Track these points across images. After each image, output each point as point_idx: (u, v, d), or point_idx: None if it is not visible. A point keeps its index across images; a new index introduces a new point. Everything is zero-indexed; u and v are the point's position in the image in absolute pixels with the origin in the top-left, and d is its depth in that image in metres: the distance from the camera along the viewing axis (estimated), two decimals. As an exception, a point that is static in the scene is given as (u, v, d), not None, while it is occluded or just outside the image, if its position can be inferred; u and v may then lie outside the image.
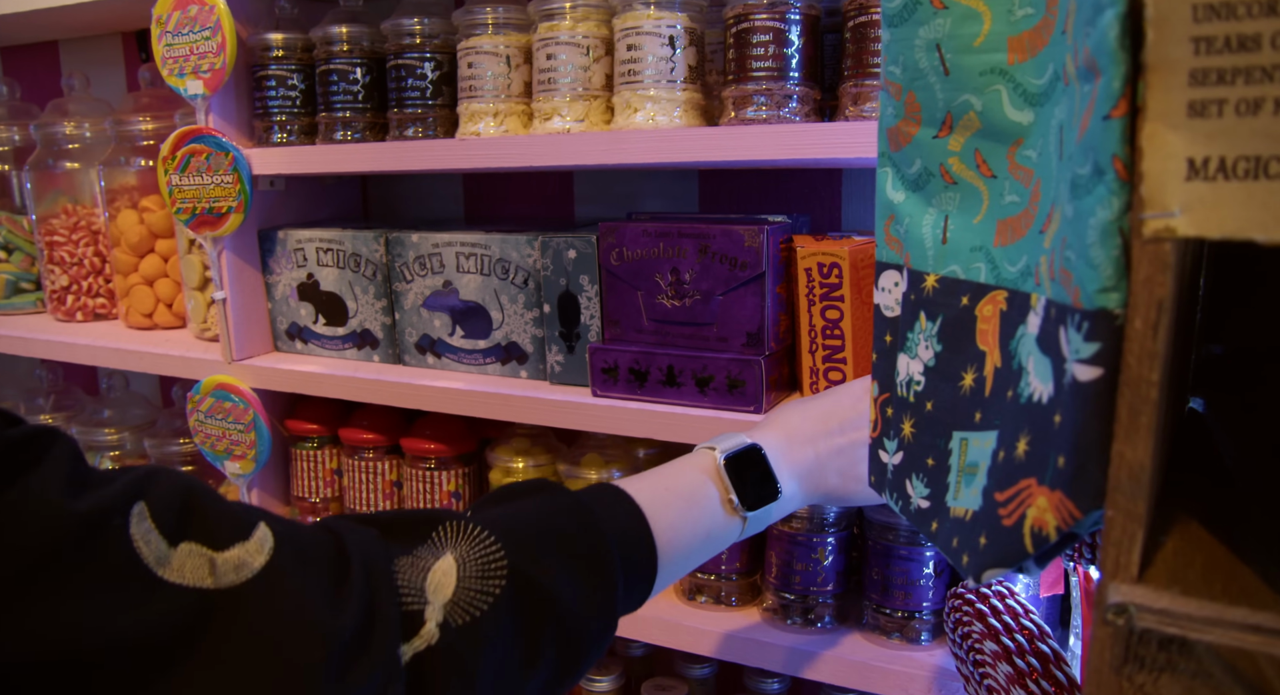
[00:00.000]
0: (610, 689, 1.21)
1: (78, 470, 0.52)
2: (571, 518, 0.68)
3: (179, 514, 0.53)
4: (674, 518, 0.73)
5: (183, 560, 0.52)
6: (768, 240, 0.99)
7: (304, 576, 0.55)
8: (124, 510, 0.51)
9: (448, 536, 0.63)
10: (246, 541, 0.54)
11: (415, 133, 1.21)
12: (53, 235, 1.72)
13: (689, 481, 0.77)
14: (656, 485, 0.75)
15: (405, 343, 1.26)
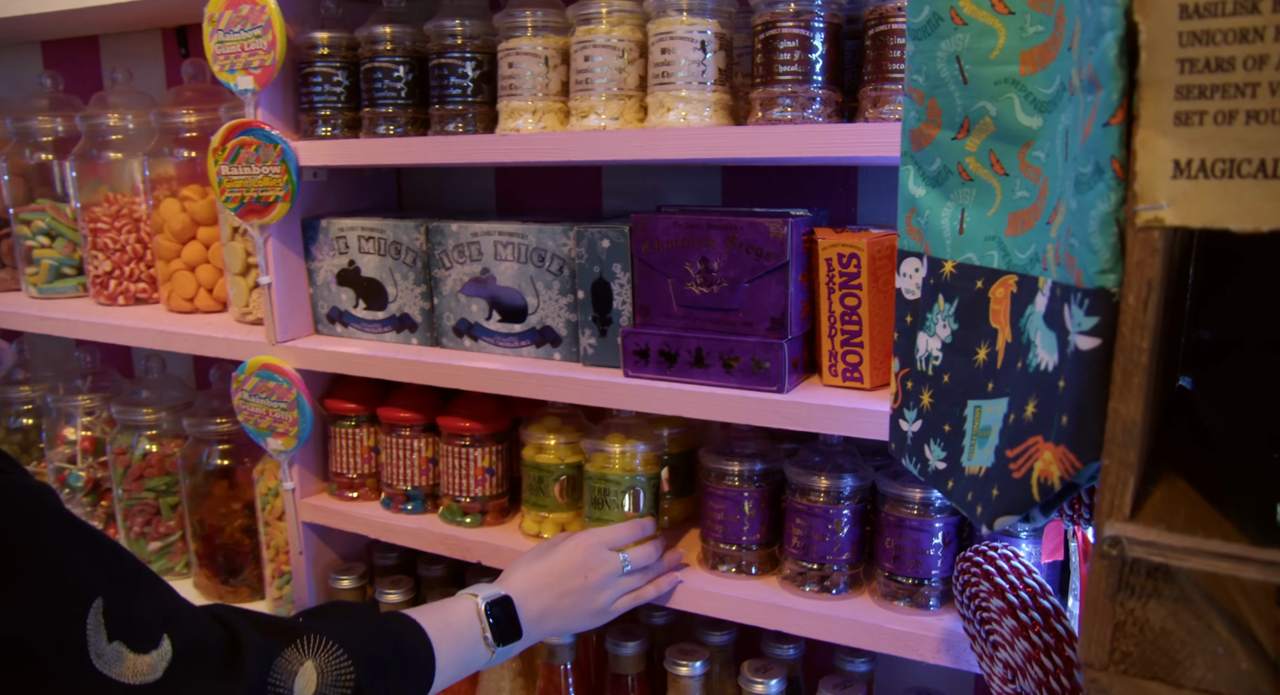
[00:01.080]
0: (634, 654, 1.29)
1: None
2: (388, 645, 0.90)
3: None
4: (449, 649, 0.97)
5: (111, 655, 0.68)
6: (792, 232, 1.07)
7: (201, 678, 0.73)
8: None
9: (310, 646, 0.83)
10: (156, 650, 0.71)
11: (456, 128, 1.28)
12: (96, 222, 1.79)
13: (461, 620, 1.01)
14: (439, 622, 0.99)
15: (443, 326, 1.34)
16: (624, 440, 1.24)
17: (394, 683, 0.89)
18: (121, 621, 0.69)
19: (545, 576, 1.09)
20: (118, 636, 0.68)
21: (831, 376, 1.11)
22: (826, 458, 1.16)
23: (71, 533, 0.69)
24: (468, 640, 1.00)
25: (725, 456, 1.21)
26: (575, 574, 1.10)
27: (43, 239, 1.91)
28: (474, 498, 1.37)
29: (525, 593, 1.07)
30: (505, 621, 1.04)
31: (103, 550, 0.71)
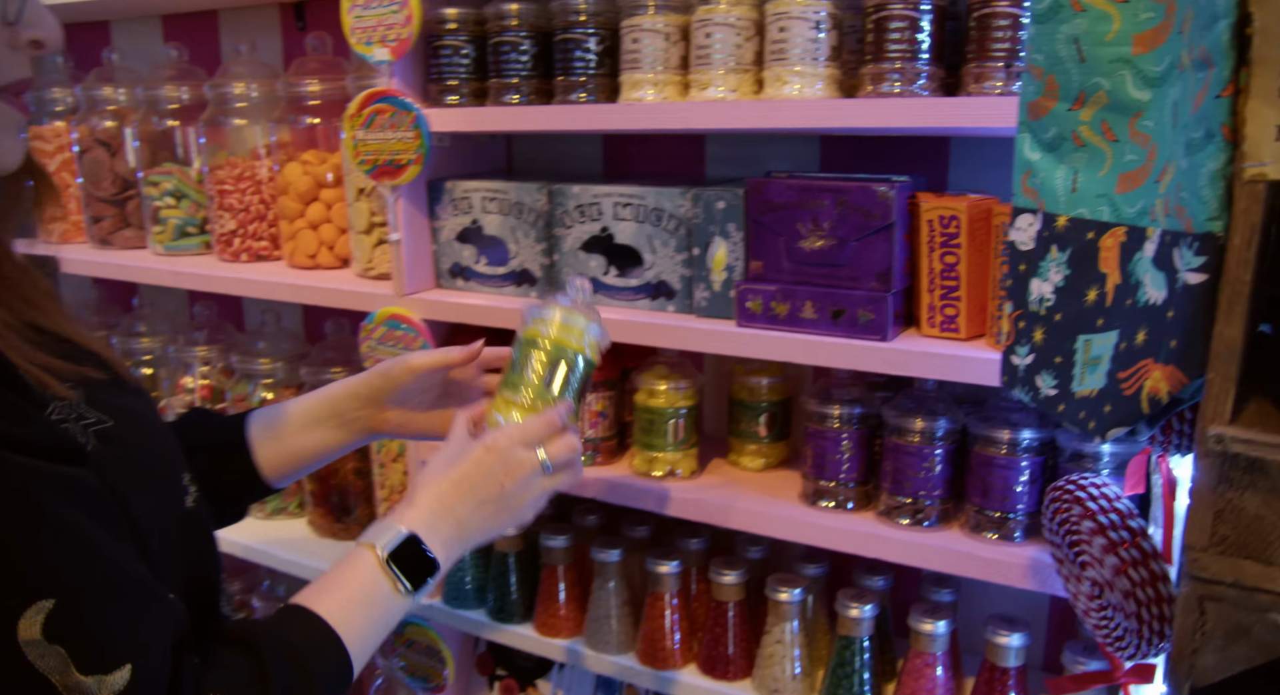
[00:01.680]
0: (737, 582, 1.41)
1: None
2: (300, 684, 0.81)
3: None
4: (361, 626, 0.89)
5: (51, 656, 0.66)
6: (898, 195, 1.18)
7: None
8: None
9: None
10: (107, 675, 0.68)
11: (579, 98, 1.39)
12: (222, 184, 1.93)
13: (364, 584, 0.91)
14: (341, 598, 0.89)
15: (562, 281, 1.46)
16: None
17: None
18: (70, 631, 0.66)
19: (456, 489, 0.98)
20: (58, 642, 0.66)
21: (930, 327, 1.22)
22: (921, 402, 1.27)
23: (39, 524, 0.68)
24: (378, 603, 0.91)
25: (826, 401, 1.32)
26: (489, 481, 0.99)
27: (169, 200, 2.05)
28: (587, 439, 1.49)
29: (434, 515, 0.96)
30: (414, 563, 0.93)
31: (94, 562, 0.70)
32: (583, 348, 1.11)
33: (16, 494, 0.67)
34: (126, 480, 0.80)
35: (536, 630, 1.59)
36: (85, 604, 0.68)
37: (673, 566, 1.45)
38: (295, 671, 0.81)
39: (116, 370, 0.91)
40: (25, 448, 0.68)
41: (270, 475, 1.15)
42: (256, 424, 1.16)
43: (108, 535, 0.73)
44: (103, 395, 0.83)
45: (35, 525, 0.67)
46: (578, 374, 1.11)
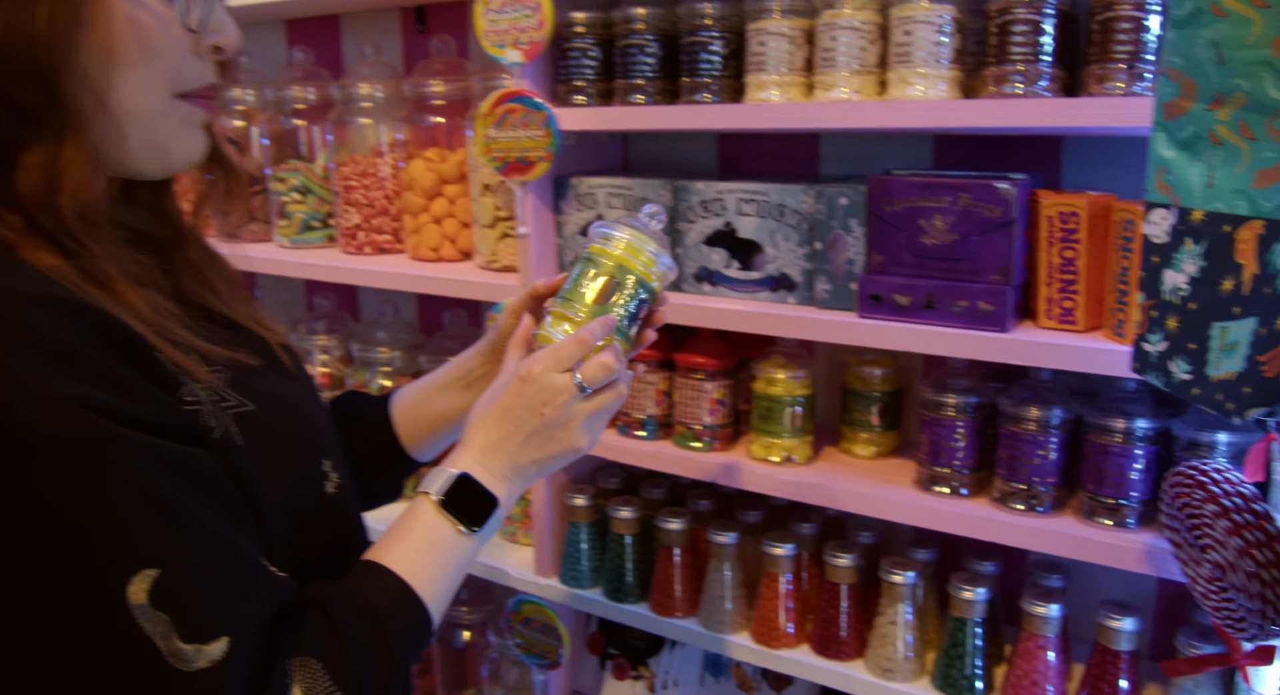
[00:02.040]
0: (851, 565, 1.47)
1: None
2: (377, 641, 0.83)
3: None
4: (431, 573, 0.90)
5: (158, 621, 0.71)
6: (1020, 192, 1.22)
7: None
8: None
9: (295, 671, 0.78)
10: (204, 645, 0.72)
11: (704, 98, 1.46)
12: (347, 180, 2.03)
13: (426, 531, 0.92)
14: (407, 549, 0.90)
15: (685, 274, 1.53)
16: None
17: (381, 676, 0.83)
18: (174, 601, 0.71)
19: (501, 425, 0.99)
20: (163, 609, 0.70)
21: (1047, 319, 1.26)
22: (1036, 392, 1.31)
23: (149, 498, 0.72)
24: (444, 547, 0.92)
25: (941, 390, 1.37)
26: (530, 413, 0.98)
27: (295, 195, 2.16)
28: (705, 426, 1.56)
29: (484, 453, 0.97)
30: (471, 501, 0.94)
31: (197, 538, 0.74)
32: (647, 273, 1.07)
33: (126, 466, 0.71)
34: (258, 464, 0.84)
35: (652, 609, 1.67)
36: (187, 576, 0.72)
37: (788, 549, 1.51)
38: (370, 627, 0.83)
39: (280, 355, 0.98)
40: (141, 424, 0.72)
41: (410, 445, 1.19)
42: (396, 397, 1.21)
43: (215, 514, 0.77)
44: (252, 380, 0.88)
45: (141, 497, 0.71)
46: (634, 297, 1.07)
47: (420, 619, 0.89)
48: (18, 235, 0.76)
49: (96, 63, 0.77)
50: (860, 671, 1.48)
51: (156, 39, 0.81)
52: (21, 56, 0.74)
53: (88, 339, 0.72)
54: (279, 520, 0.86)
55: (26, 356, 0.68)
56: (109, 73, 0.78)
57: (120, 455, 0.71)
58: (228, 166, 0.98)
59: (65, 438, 0.69)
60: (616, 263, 1.06)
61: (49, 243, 0.77)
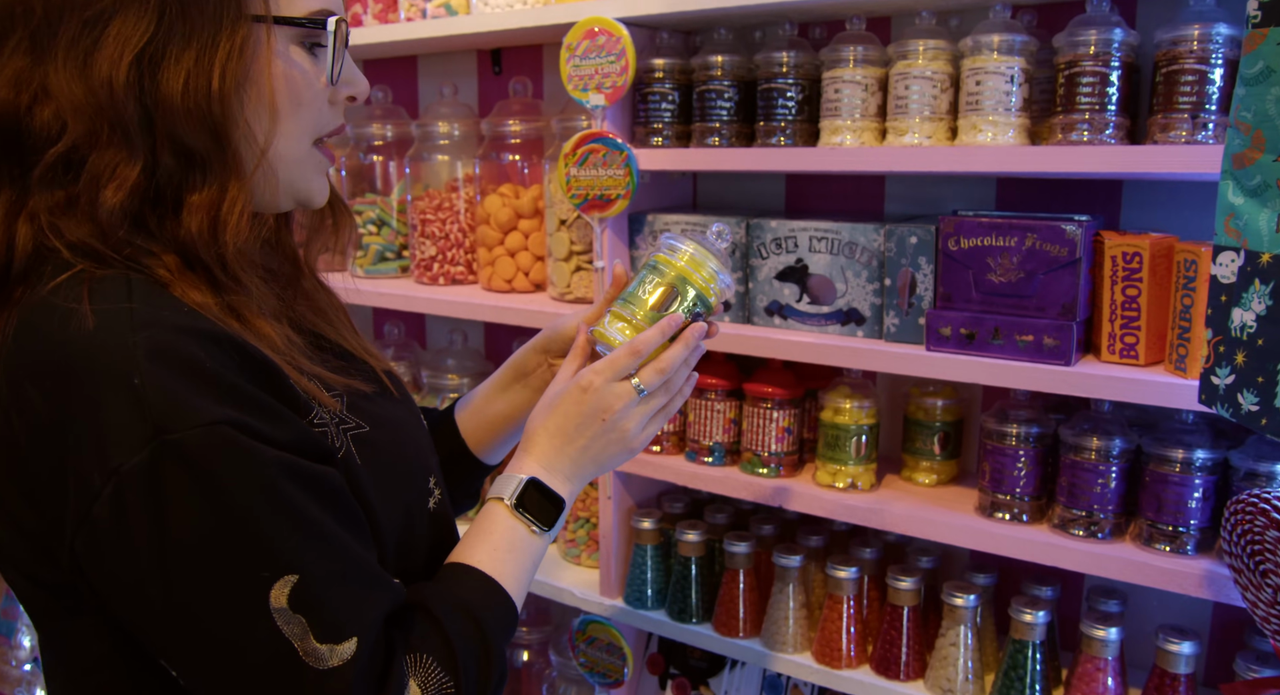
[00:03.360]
0: (913, 588, 1.53)
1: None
2: (473, 629, 0.91)
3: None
4: (513, 569, 0.98)
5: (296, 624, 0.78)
6: (1085, 233, 1.30)
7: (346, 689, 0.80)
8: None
9: (411, 666, 0.86)
10: (337, 645, 0.79)
11: (778, 141, 1.55)
12: (424, 214, 2.13)
13: (504, 533, 1.00)
14: (489, 549, 0.98)
15: (755, 307, 1.61)
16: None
17: (484, 658, 0.91)
18: (310, 604, 0.78)
19: (562, 432, 1.05)
20: (300, 612, 0.78)
21: (1109, 354, 1.33)
22: (1097, 423, 1.38)
23: (289, 509, 0.79)
24: (520, 545, 1.00)
25: (1004, 420, 1.44)
26: (591, 420, 1.04)
27: (371, 227, 2.26)
28: (772, 453, 1.63)
29: (548, 457, 1.04)
30: (542, 503, 1.01)
31: (317, 536, 0.81)
32: (706, 287, 1.11)
33: (269, 481, 0.78)
34: (373, 480, 0.93)
35: (716, 630, 1.73)
36: (322, 582, 0.79)
37: (852, 573, 1.57)
38: (468, 621, 0.91)
39: (386, 381, 1.06)
40: (279, 444, 0.80)
41: (478, 450, 1.26)
42: (459, 405, 1.29)
43: (342, 525, 0.84)
44: (366, 404, 0.97)
45: (283, 509, 0.79)
46: (690, 309, 1.10)
47: (508, 609, 0.97)
48: (172, 275, 0.84)
49: (258, 115, 0.87)
50: (920, 693, 1.53)
51: (304, 93, 0.91)
52: (199, 110, 0.83)
53: (234, 367, 0.80)
54: (390, 533, 0.95)
55: (184, 382, 0.76)
56: (267, 124, 0.88)
57: (264, 470, 0.78)
58: (339, 206, 1.08)
59: (218, 455, 0.76)
60: (678, 273, 1.11)
61: (201, 280, 0.85)
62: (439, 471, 1.08)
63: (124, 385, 0.75)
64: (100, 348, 0.77)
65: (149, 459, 0.75)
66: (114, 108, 0.81)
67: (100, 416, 0.75)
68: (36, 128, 0.82)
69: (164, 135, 0.83)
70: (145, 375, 0.75)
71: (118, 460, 0.75)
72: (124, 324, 0.78)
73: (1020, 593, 1.51)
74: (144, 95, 0.82)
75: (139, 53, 0.81)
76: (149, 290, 0.82)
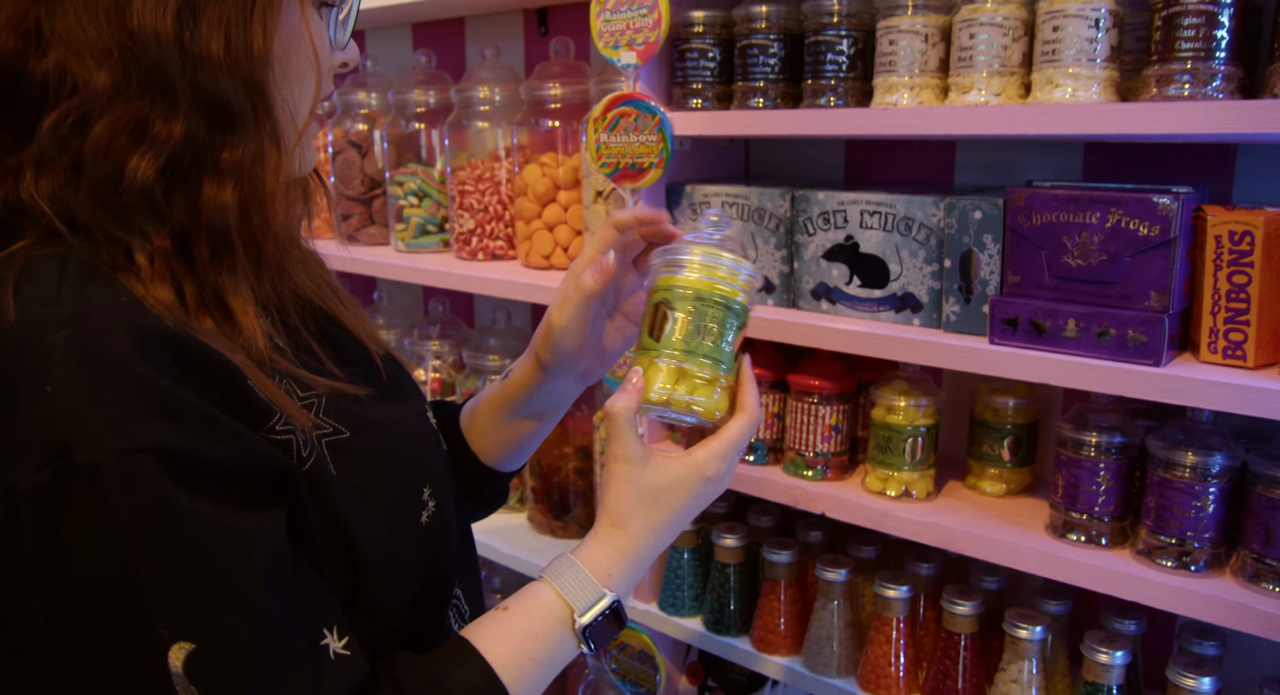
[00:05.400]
0: (971, 614, 1.33)
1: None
2: None
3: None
4: (534, 685, 0.84)
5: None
6: (1182, 208, 1.08)
7: None
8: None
9: None
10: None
11: (828, 101, 1.35)
12: (463, 185, 1.99)
13: (551, 645, 0.85)
14: (520, 653, 0.83)
15: (801, 289, 1.42)
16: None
17: None
18: (208, 678, 0.67)
19: (668, 528, 0.91)
20: (196, 683, 0.67)
21: (1210, 353, 1.11)
22: (1193, 434, 1.16)
23: (207, 571, 0.68)
24: (557, 662, 0.86)
25: (1082, 427, 1.23)
26: (702, 502, 0.92)
27: (412, 199, 2.14)
28: (818, 453, 1.45)
29: (643, 552, 0.90)
30: (610, 629, 0.87)
31: (249, 618, 0.69)
32: (731, 292, 0.91)
33: (182, 536, 0.67)
34: (349, 493, 0.81)
35: (753, 645, 1.56)
36: (224, 655, 0.68)
37: (903, 592, 1.38)
38: None
39: (382, 371, 0.94)
40: (214, 465, 0.69)
41: (489, 461, 1.13)
42: (466, 418, 1.15)
43: (273, 594, 0.71)
44: (351, 406, 0.85)
45: (190, 569, 0.67)
46: (726, 326, 0.91)
47: None
48: (148, 261, 0.74)
49: (297, 78, 0.81)
50: (979, 732, 1.34)
51: (323, 57, 0.83)
52: (240, 68, 0.75)
53: (173, 371, 0.68)
54: (373, 550, 0.82)
55: (106, 391, 0.65)
56: (294, 86, 0.81)
57: (179, 524, 0.67)
58: (315, 174, 0.99)
59: (129, 492, 0.65)
60: (695, 292, 0.90)
61: (184, 267, 0.76)
62: (442, 479, 0.94)
63: (33, 391, 0.65)
64: (15, 345, 0.67)
65: (49, 482, 0.64)
66: (157, 60, 0.72)
67: (2, 426, 0.66)
68: (41, 77, 0.73)
69: (204, 97, 0.74)
70: (58, 381, 0.65)
71: (12, 478, 0.65)
72: (46, 318, 0.67)
73: (1099, 625, 1.31)
74: (185, 50, 0.73)
75: (180, 3, 0.73)
76: (83, 276, 0.71)
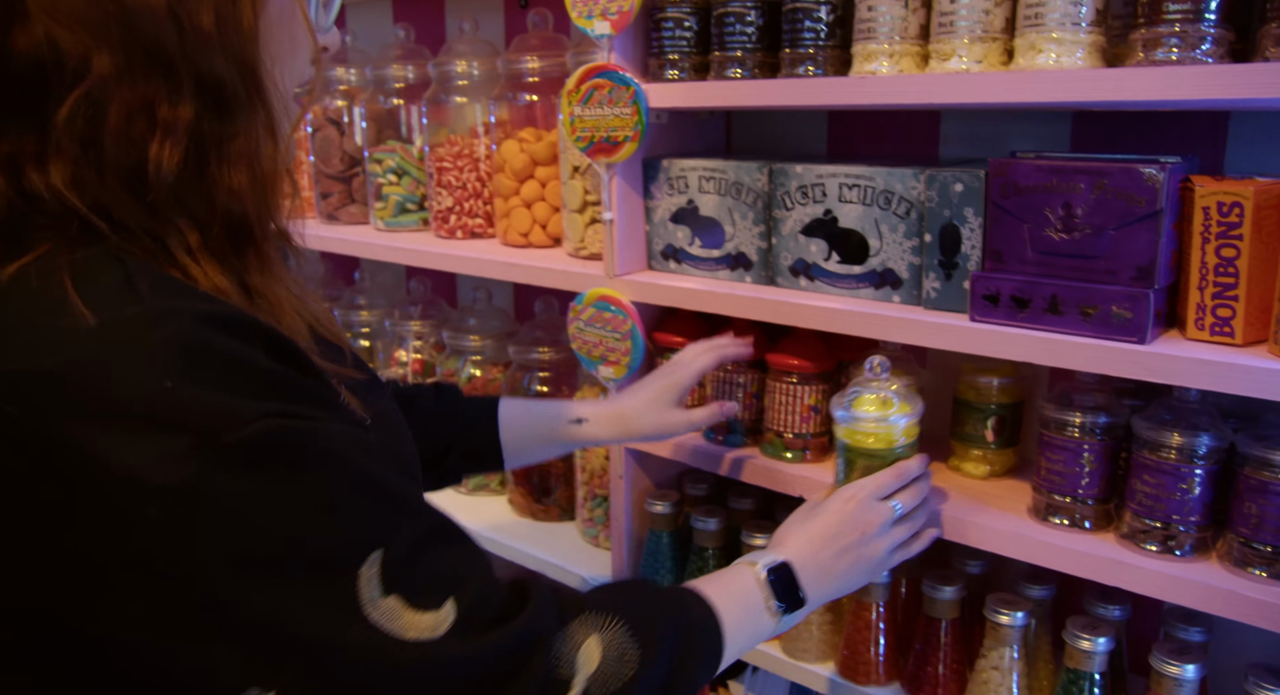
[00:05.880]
0: (952, 599, 1.30)
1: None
2: (675, 624, 0.87)
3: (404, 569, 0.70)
4: (734, 619, 0.94)
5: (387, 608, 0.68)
6: (1169, 178, 1.04)
7: (467, 649, 0.71)
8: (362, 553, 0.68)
9: (596, 622, 0.81)
10: (437, 611, 0.70)
11: (806, 71, 1.31)
12: (441, 161, 1.95)
13: (742, 589, 0.99)
14: (721, 592, 0.96)
15: (779, 266, 1.38)
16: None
17: (680, 661, 0.85)
18: (402, 577, 0.69)
19: (820, 537, 1.07)
20: (394, 591, 0.68)
21: (1197, 330, 1.07)
22: (1180, 414, 1.12)
23: (365, 482, 0.70)
24: (752, 609, 0.98)
25: (1066, 407, 1.19)
26: (850, 530, 1.08)
27: (391, 177, 2.09)
28: (797, 434, 1.41)
29: (803, 556, 1.04)
30: (787, 587, 1.01)
31: (397, 503, 0.72)
32: (892, 443, 1.18)
33: (336, 457, 0.69)
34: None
35: (732, 630, 1.53)
36: (411, 549, 0.70)
37: (883, 577, 1.35)
38: (671, 618, 0.87)
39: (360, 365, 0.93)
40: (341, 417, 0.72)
41: (510, 460, 1.29)
42: (505, 415, 1.28)
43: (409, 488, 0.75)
44: (363, 395, 0.83)
45: (357, 483, 0.70)
46: (910, 451, 1.19)
47: (717, 644, 0.92)
48: (193, 254, 0.72)
49: (275, 58, 0.78)
50: (960, 720, 1.31)
51: (303, 38, 0.81)
52: (231, 45, 0.72)
53: (266, 356, 0.69)
54: None
55: (221, 379, 0.65)
56: (282, 68, 0.78)
57: (328, 446, 0.69)
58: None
59: (279, 449, 0.66)
60: (865, 449, 1.18)
61: (218, 260, 0.74)
62: (419, 470, 0.97)
63: (151, 393, 0.63)
64: (107, 349, 0.63)
65: (198, 472, 0.63)
66: (154, 36, 0.69)
67: (124, 434, 0.63)
68: (28, 53, 0.68)
69: (202, 76, 0.71)
70: (178, 378, 0.63)
71: (158, 479, 0.62)
72: (132, 318, 0.65)
73: (1082, 609, 1.27)
74: (180, 25, 0.70)
75: None
76: (151, 274, 0.68)
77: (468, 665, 0.71)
